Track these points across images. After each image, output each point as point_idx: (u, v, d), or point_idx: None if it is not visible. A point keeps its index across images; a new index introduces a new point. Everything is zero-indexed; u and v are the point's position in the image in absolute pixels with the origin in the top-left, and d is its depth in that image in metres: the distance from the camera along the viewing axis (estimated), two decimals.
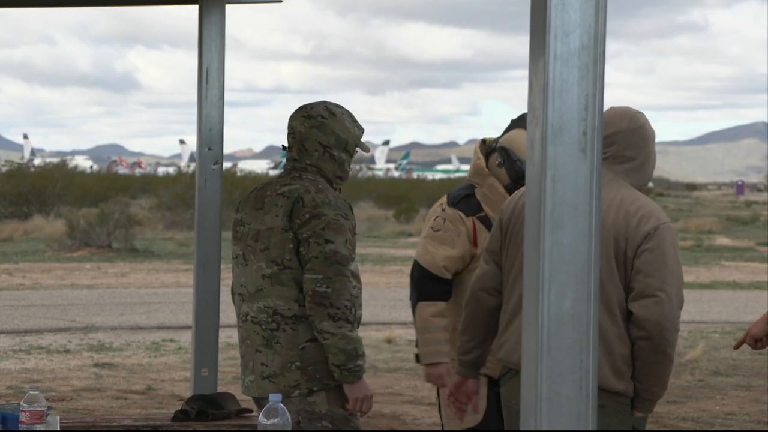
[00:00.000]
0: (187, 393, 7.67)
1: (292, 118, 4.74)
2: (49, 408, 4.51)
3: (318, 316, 4.49)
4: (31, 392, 4.32)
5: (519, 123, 5.38)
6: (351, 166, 4.78)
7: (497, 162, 5.31)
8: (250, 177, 52.81)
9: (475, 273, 4.60)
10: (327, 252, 4.50)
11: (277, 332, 4.58)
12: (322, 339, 4.51)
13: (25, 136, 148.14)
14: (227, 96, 6.14)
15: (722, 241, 33.94)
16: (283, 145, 4.82)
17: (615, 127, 4.35)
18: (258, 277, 4.63)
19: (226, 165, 63.92)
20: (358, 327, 4.59)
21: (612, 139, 4.34)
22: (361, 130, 4.75)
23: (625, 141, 4.35)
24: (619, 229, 4.20)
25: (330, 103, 4.76)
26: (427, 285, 5.22)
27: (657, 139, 4.56)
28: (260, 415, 3.96)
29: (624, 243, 4.19)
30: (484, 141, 5.50)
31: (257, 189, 4.78)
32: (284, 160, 4.88)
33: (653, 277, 4.16)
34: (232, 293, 4.85)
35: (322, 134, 4.67)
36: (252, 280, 4.66)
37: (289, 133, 4.75)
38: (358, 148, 4.78)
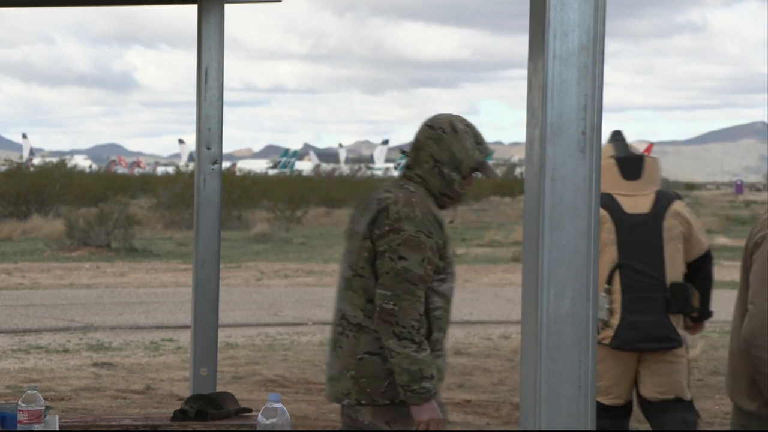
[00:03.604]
0: (187, 393, 7.67)
1: (422, 125, 4.61)
2: (48, 408, 4.50)
3: (384, 333, 4.39)
4: (29, 392, 4.32)
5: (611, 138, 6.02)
6: (464, 188, 4.56)
7: None
8: (249, 176, 52.72)
9: None
10: (398, 269, 4.37)
11: (342, 336, 4.50)
12: (389, 356, 4.40)
13: (24, 136, 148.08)
14: (226, 96, 6.14)
15: (721, 240, 33.86)
16: (402, 150, 4.69)
17: None
18: (341, 279, 4.57)
19: (225, 164, 63.82)
20: (439, 349, 4.47)
21: None
22: (484, 153, 4.57)
23: None
24: (749, 239, 4.08)
25: (458, 117, 4.58)
26: None
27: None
28: (259, 415, 3.96)
29: (746, 252, 4.07)
30: None
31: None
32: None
33: (750, 289, 3.93)
34: None
35: (437, 148, 4.52)
36: (340, 279, 4.60)
37: (414, 140, 4.62)
38: (479, 172, 4.57)
